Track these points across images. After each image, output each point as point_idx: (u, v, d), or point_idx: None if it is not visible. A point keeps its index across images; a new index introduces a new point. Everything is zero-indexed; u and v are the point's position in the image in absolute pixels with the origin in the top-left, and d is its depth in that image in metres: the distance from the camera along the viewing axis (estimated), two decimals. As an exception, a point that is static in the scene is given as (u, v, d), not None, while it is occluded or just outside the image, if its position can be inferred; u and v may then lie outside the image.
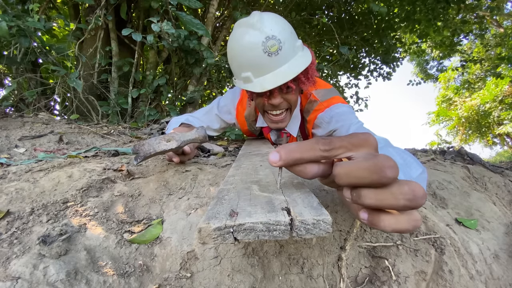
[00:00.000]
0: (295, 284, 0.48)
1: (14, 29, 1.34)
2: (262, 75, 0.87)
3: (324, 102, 1.06)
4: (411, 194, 0.27)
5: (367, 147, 0.33)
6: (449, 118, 12.25)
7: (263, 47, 0.82)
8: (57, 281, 0.40)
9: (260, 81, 0.87)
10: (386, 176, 0.27)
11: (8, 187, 0.59)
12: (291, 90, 0.94)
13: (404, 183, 0.28)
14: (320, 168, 0.35)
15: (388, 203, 0.28)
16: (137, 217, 0.56)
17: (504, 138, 11.43)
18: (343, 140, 0.33)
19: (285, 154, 0.33)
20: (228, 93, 1.31)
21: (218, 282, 0.45)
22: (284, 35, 0.84)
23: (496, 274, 0.60)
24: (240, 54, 0.88)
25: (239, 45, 0.87)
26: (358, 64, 4.70)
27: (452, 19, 4.26)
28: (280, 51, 0.84)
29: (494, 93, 10.12)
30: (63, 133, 1.25)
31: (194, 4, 1.75)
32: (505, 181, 0.97)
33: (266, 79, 0.87)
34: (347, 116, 1.00)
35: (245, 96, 1.22)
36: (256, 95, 0.96)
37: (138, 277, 0.45)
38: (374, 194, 0.28)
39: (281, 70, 0.86)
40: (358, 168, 0.29)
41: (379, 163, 0.28)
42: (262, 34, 0.82)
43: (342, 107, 1.04)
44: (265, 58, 0.84)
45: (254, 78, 0.88)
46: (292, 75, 0.86)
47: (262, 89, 0.87)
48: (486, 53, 8.51)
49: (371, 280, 0.52)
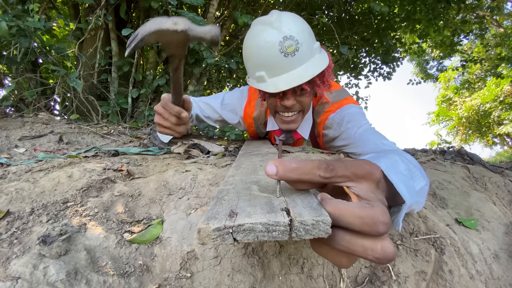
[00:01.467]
0: (295, 284, 0.48)
1: (14, 29, 1.34)
2: (277, 76, 0.85)
3: (336, 104, 1.04)
4: (382, 254, 0.27)
5: (370, 181, 0.33)
6: (449, 118, 12.25)
7: (280, 47, 0.80)
8: (57, 281, 0.40)
9: (274, 81, 0.86)
10: (378, 232, 0.27)
11: (8, 187, 0.59)
12: (305, 92, 0.91)
13: (378, 241, 0.28)
14: (314, 188, 0.36)
15: (357, 254, 0.28)
16: (137, 217, 0.56)
17: (504, 138, 11.43)
18: (347, 169, 0.32)
19: (282, 171, 0.32)
20: (235, 92, 1.27)
21: (218, 282, 0.45)
22: (302, 36, 0.82)
23: (496, 274, 0.60)
24: (255, 52, 0.86)
25: (255, 43, 0.85)
26: (358, 64, 4.70)
27: (452, 19, 4.26)
28: (297, 52, 0.82)
29: (495, 93, 10.11)
30: (63, 133, 1.25)
31: (195, 2, 1.75)
32: (505, 181, 0.97)
33: (281, 79, 0.85)
34: (358, 117, 0.99)
35: (254, 98, 1.20)
36: (269, 95, 0.95)
37: (138, 277, 0.45)
38: (348, 239, 0.28)
39: (296, 71, 0.84)
40: (351, 214, 0.28)
41: (375, 216, 0.27)
42: (280, 33, 0.80)
43: (353, 108, 1.03)
44: (281, 58, 0.82)
45: (268, 78, 0.86)
46: (307, 78, 0.84)
47: (276, 90, 0.85)
48: (486, 53, 8.51)
49: (371, 280, 0.52)
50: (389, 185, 0.37)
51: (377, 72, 4.80)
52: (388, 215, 0.28)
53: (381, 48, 4.37)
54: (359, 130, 0.95)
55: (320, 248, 0.31)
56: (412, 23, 4.00)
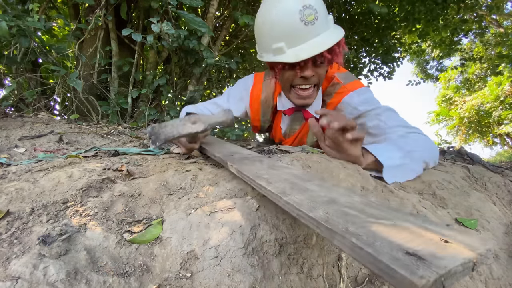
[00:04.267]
0: (295, 284, 0.48)
1: (14, 29, 1.34)
2: (297, 45, 0.86)
3: (348, 85, 1.05)
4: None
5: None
6: (450, 117, 12.25)
7: (300, 15, 0.82)
8: (57, 281, 0.40)
9: (295, 51, 0.86)
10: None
11: (8, 187, 0.59)
12: (324, 62, 0.92)
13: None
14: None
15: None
16: (137, 217, 0.56)
17: (504, 138, 11.42)
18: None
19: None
20: (240, 81, 1.28)
21: (218, 282, 0.45)
22: (319, 5, 0.85)
23: (496, 274, 0.60)
24: (274, 22, 0.86)
25: (273, 14, 0.86)
26: (358, 64, 4.70)
27: (451, 18, 4.26)
28: (316, 21, 0.83)
29: (496, 93, 10.10)
30: (63, 133, 1.25)
31: (195, 3, 1.75)
32: (505, 181, 0.97)
33: (302, 48, 0.85)
34: (375, 101, 1.02)
35: (260, 81, 1.20)
36: (287, 68, 0.94)
37: (138, 277, 0.45)
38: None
39: (316, 40, 0.85)
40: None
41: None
42: (299, 2, 0.82)
43: (369, 92, 1.05)
44: (301, 27, 0.83)
45: (287, 49, 0.87)
46: (328, 46, 0.85)
47: (297, 59, 0.86)
48: (485, 52, 8.51)
49: (371, 280, 0.52)
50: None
51: (377, 72, 4.81)
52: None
53: (381, 48, 4.37)
54: (380, 115, 0.95)
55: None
56: (411, 23, 4.00)
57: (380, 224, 0.34)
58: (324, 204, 0.41)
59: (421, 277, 0.22)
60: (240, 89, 1.25)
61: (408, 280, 0.23)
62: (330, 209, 0.39)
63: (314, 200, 0.43)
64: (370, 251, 0.27)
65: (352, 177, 0.69)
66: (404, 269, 0.24)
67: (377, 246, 0.28)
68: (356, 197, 0.46)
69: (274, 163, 0.69)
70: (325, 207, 0.40)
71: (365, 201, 0.44)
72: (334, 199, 0.44)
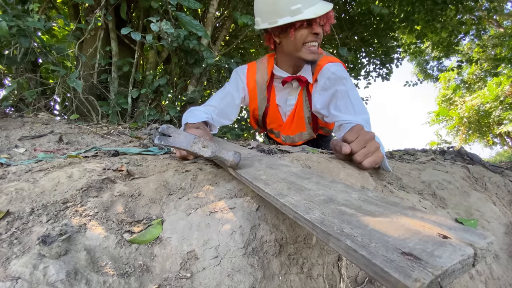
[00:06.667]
0: (295, 284, 0.48)
1: (14, 29, 1.34)
2: (313, 5, 1.08)
3: (328, 57, 1.25)
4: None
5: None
6: (450, 118, 12.25)
7: None
8: (57, 281, 0.40)
9: (312, 10, 1.07)
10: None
11: (8, 187, 0.59)
12: (328, 21, 1.13)
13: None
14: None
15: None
16: (137, 217, 0.56)
17: (504, 138, 11.42)
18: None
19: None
20: (233, 73, 1.41)
21: (218, 282, 0.45)
22: None
23: (496, 274, 0.60)
24: None
25: None
26: (358, 64, 4.71)
27: (450, 19, 4.26)
28: None
29: (496, 93, 10.11)
30: (63, 133, 1.25)
31: (193, 5, 1.75)
32: (505, 181, 0.97)
33: (317, 7, 1.08)
34: (346, 72, 1.20)
35: (253, 64, 1.37)
36: (304, 25, 1.12)
37: (138, 277, 0.45)
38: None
39: (322, 2, 1.11)
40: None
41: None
42: None
43: (342, 65, 1.23)
44: None
45: (304, 9, 1.07)
46: (331, 5, 1.11)
47: (315, 15, 1.07)
48: (484, 53, 8.50)
49: (371, 280, 0.52)
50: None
51: (376, 72, 4.81)
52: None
53: (380, 49, 4.38)
54: (349, 95, 1.12)
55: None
56: (410, 23, 4.01)
57: (377, 222, 0.34)
58: (321, 204, 0.41)
59: (415, 280, 0.22)
60: (236, 77, 1.38)
61: (402, 284, 0.22)
62: (326, 209, 0.39)
63: (311, 200, 0.43)
64: (364, 254, 0.27)
65: (352, 177, 0.69)
66: (398, 272, 0.23)
67: (371, 248, 0.27)
68: (354, 193, 0.46)
69: (273, 162, 0.69)
70: (321, 207, 0.40)
71: (363, 197, 0.44)
72: (332, 197, 0.44)
